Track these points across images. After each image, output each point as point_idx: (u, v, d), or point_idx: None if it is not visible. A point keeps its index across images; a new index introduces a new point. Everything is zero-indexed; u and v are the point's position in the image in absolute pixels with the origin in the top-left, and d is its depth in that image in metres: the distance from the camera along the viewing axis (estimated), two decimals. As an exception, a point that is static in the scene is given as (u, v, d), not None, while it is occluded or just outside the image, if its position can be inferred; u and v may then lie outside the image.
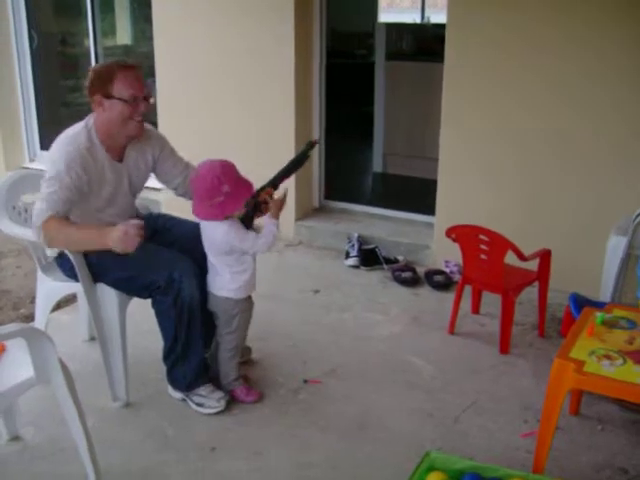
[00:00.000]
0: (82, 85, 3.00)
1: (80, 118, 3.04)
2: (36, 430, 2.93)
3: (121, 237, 2.70)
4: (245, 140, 5.25)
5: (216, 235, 2.94)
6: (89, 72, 2.99)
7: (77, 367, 3.11)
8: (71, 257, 2.93)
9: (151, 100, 3.07)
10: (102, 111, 2.96)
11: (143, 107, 3.00)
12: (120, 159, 3.06)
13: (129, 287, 3.01)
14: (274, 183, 3.07)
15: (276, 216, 2.99)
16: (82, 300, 3.41)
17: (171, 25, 5.40)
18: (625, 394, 2.39)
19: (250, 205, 3.01)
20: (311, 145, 3.06)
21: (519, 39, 4.17)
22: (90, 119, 3.01)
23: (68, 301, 3.96)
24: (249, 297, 3.13)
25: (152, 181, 3.34)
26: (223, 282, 3.01)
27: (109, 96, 2.92)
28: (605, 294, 3.53)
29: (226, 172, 2.90)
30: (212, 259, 3.01)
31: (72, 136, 2.93)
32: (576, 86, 4.08)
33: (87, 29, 6.30)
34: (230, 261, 2.98)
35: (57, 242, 2.90)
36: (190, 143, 3.22)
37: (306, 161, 3.08)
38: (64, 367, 2.39)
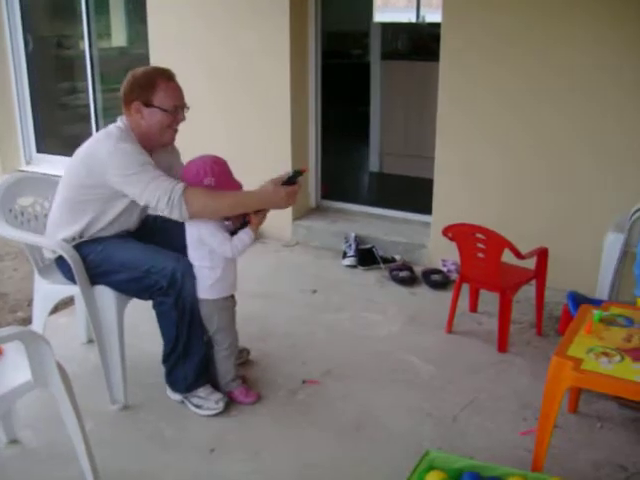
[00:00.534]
0: (78, 87, 2.99)
1: (76, 120, 3.03)
2: (34, 433, 2.92)
3: (284, 198, 2.93)
4: (241, 141, 5.25)
5: (191, 222, 2.95)
6: (128, 77, 2.99)
7: (75, 370, 3.10)
8: (68, 259, 2.93)
9: (187, 108, 3.07)
10: (140, 118, 2.96)
11: (181, 116, 3.03)
12: None
13: (131, 288, 3.01)
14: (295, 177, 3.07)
15: (254, 228, 3.01)
16: (80, 303, 3.41)
17: (166, 26, 5.40)
18: (623, 391, 2.39)
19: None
20: (300, 172, 3.04)
21: (514, 38, 4.17)
22: (120, 123, 3.00)
23: (66, 304, 3.94)
24: (228, 297, 3.12)
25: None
26: (198, 283, 3.00)
27: (149, 104, 2.94)
28: (602, 292, 3.53)
29: (213, 166, 2.92)
30: (190, 253, 3.01)
31: (117, 137, 2.90)
32: (567, 89, 4.08)
33: (82, 31, 6.29)
34: (201, 254, 2.97)
35: (203, 211, 2.88)
36: (185, 144, 3.20)
37: (295, 183, 3.05)
38: (62, 370, 2.39)
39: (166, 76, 2.98)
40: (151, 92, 2.93)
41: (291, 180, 2.99)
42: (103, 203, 2.97)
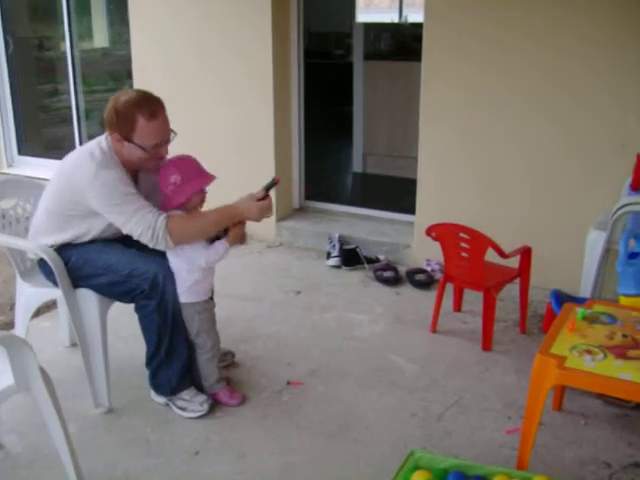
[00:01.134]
0: (60, 89, 2.95)
1: (58, 122, 3.00)
2: (18, 438, 2.90)
3: (256, 214, 2.97)
4: (224, 142, 5.24)
5: None
6: (109, 105, 2.87)
7: (58, 374, 3.07)
8: (50, 263, 2.91)
9: (172, 136, 2.97)
10: (121, 147, 2.88)
11: (164, 151, 2.95)
12: (135, 181, 2.99)
13: (113, 292, 2.99)
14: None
15: (230, 241, 3.01)
16: (62, 306, 3.39)
17: (148, 28, 5.38)
18: (607, 389, 2.40)
19: None
20: (274, 182, 3.04)
21: (495, 39, 4.18)
22: (104, 143, 2.91)
23: (48, 307, 3.93)
24: (208, 300, 3.10)
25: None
26: (177, 286, 2.99)
27: (129, 140, 2.85)
28: (585, 290, 3.54)
29: (180, 164, 2.93)
30: (168, 257, 2.99)
31: (99, 162, 2.82)
32: (547, 87, 4.10)
33: (63, 33, 6.25)
34: (179, 258, 2.95)
35: (187, 238, 2.89)
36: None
37: (267, 197, 3.05)
38: (44, 374, 2.37)
39: (149, 112, 2.82)
40: (131, 129, 2.82)
41: (266, 190, 3.01)
42: (88, 218, 2.93)
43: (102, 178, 2.80)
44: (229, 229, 3.02)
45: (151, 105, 2.85)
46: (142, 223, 2.79)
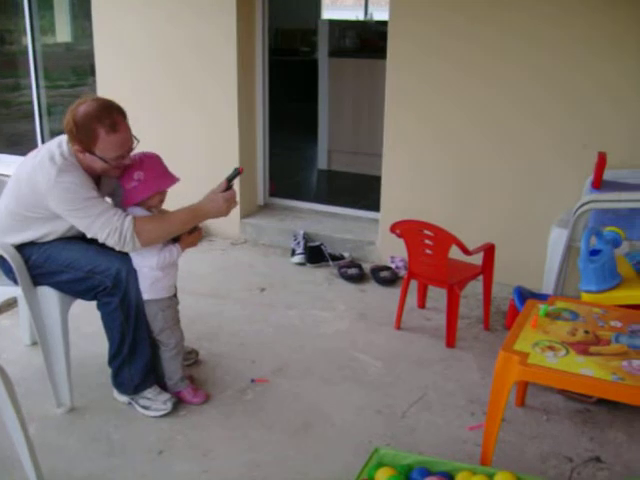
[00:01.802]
0: (22, 84, 2.89)
1: (20, 117, 2.94)
2: (-24, 439, 2.85)
3: (222, 205, 2.93)
4: (188, 138, 5.20)
5: None
6: (68, 116, 2.77)
7: (18, 373, 3.05)
8: (10, 260, 2.86)
9: (135, 144, 2.89)
10: (82, 157, 2.81)
11: (127, 160, 2.88)
12: (97, 182, 2.94)
13: (75, 289, 2.95)
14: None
15: (183, 246, 3.02)
16: (23, 304, 3.33)
17: (111, 22, 5.30)
18: (568, 384, 2.42)
19: None
20: (237, 172, 3.02)
21: (460, 36, 4.20)
22: (65, 148, 2.83)
23: (9, 305, 3.87)
24: (169, 297, 3.07)
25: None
26: (140, 283, 2.97)
27: (91, 152, 2.78)
28: (548, 286, 3.58)
29: (145, 161, 2.91)
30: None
31: (59, 167, 2.74)
32: (513, 82, 4.13)
33: (25, 27, 6.15)
34: (140, 255, 2.94)
35: (154, 238, 2.87)
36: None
37: (231, 187, 3.03)
38: (3, 373, 2.33)
39: (109, 124, 2.74)
40: (92, 142, 2.75)
41: (229, 180, 2.99)
42: (51, 220, 2.88)
43: (63, 183, 2.74)
44: (183, 236, 3.03)
45: (112, 116, 2.77)
46: (107, 226, 2.76)
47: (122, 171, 2.91)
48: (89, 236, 2.84)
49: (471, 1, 4.13)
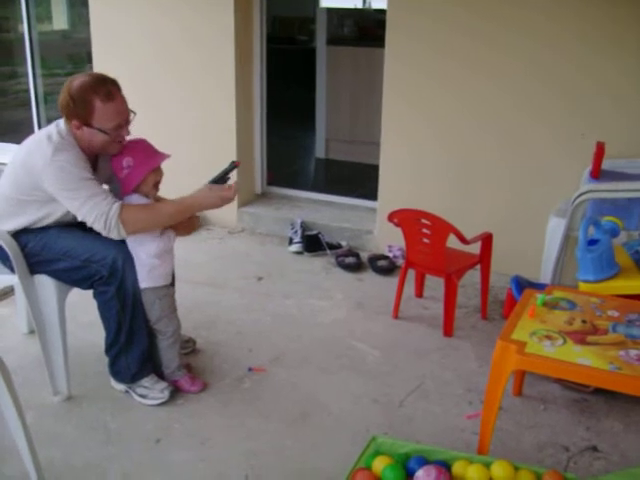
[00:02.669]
0: (18, 72, 2.88)
1: (17, 106, 2.93)
2: (-27, 427, 2.85)
3: (216, 202, 2.91)
4: (185, 127, 5.18)
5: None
6: (64, 90, 2.81)
7: (16, 361, 3.05)
8: (6, 248, 2.85)
9: (132, 116, 2.92)
10: (81, 134, 2.83)
11: (125, 131, 2.90)
12: (94, 167, 2.96)
13: (71, 278, 2.95)
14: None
15: (178, 234, 3.02)
16: (20, 292, 3.33)
17: (108, 10, 5.27)
18: (566, 373, 2.43)
19: None
20: (234, 166, 3.01)
21: (459, 30, 4.18)
22: (62, 127, 2.86)
23: (6, 294, 3.87)
24: (166, 286, 3.06)
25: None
26: (137, 271, 2.96)
27: (89, 125, 2.80)
28: (545, 276, 3.58)
29: (130, 147, 2.92)
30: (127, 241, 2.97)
31: (56, 146, 2.76)
32: (511, 75, 4.12)
33: (21, 14, 6.12)
34: (139, 240, 2.93)
35: (140, 228, 2.85)
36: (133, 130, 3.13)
37: (227, 180, 3.03)
38: (0, 362, 2.33)
39: (104, 93, 2.77)
40: (88, 113, 2.78)
41: (225, 174, 2.99)
42: (47, 203, 2.88)
43: (59, 161, 2.74)
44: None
45: (107, 86, 2.81)
46: (95, 210, 2.75)
47: (121, 147, 2.92)
48: (79, 218, 2.82)
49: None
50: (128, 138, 2.95)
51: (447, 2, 4.18)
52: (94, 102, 2.77)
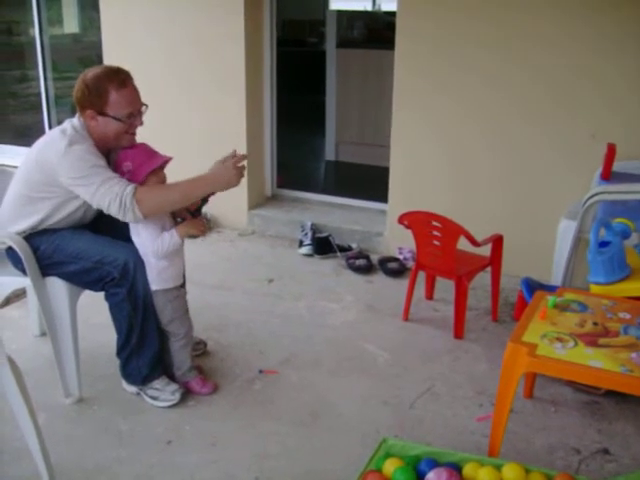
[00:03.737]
0: (29, 76, 2.92)
1: (28, 109, 2.96)
2: (-14, 429, 2.87)
3: (231, 172, 2.91)
4: (195, 131, 5.20)
5: None
6: (79, 82, 2.87)
7: (28, 363, 3.05)
8: (19, 251, 2.87)
9: (144, 108, 2.97)
10: (95, 124, 2.88)
11: (138, 121, 2.95)
12: (107, 162, 2.97)
13: (83, 280, 2.96)
14: (205, 198, 3.03)
15: (182, 232, 2.97)
16: (32, 295, 3.34)
17: (119, 14, 5.30)
18: (577, 376, 2.42)
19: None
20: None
21: (469, 29, 4.18)
22: (76, 121, 2.90)
23: (18, 296, 3.88)
24: (177, 287, 3.07)
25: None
26: (148, 273, 2.97)
27: (103, 114, 2.85)
28: (556, 278, 3.57)
29: (130, 151, 2.93)
30: (135, 242, 2.97)
31: (70, 138, 2.80)
32: (524, 77, 4.12)
33: (32, 18, 6.15)
34: (141, 240, 2.94)
35: (155, 206, 2.85)
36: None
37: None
38: (13, 364, 2.34)
39: (118, 82, 2.85)
40: (103, 101, 2.83)
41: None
42: (58, 200, 2.90)
43: (73, 152, 2.77)
44: (186, 216, 3.04)
45: (120, 75, 2.89)
46: (110, 193, 2.75)
47: (133, 139, 2.96)
48: (94, 206, 2.84)
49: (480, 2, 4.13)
50: (148, 142, 2.96)
51: (456, 9, 4.19)
52: (109, 89, 2.83)
